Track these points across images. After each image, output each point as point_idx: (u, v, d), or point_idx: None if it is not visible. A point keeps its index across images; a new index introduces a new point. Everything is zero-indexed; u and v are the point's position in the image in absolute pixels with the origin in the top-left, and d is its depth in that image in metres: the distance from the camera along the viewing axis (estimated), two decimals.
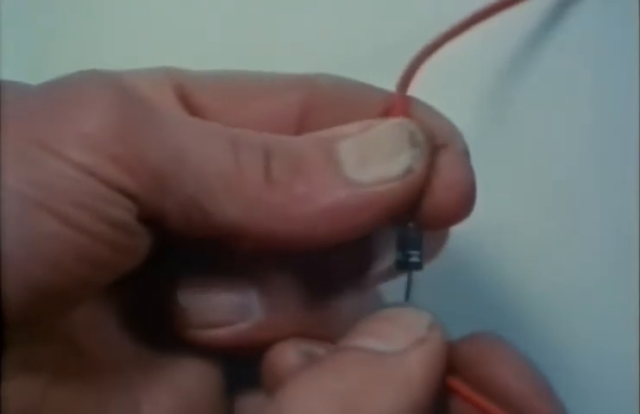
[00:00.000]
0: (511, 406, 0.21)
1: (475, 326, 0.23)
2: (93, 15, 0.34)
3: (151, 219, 0.21)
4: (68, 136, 0.19)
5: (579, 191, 0.32)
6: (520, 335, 0.30)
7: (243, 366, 0.24)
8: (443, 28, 0.26)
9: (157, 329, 0.23)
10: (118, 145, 0.20)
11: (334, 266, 0.24)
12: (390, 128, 0.23)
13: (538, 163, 0.32)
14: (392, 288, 0.25)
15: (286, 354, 0.23)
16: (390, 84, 0.24)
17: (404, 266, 0.23)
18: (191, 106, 0.24)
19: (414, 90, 0.24)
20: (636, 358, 0.30)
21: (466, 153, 0.23)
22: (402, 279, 0.24)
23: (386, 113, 0.23)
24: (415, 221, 0.23)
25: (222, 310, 0.23)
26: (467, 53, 0.28)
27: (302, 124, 0.24)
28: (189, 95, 0.24)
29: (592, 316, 0.31)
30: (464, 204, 0.23)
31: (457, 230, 0.24)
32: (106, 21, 0.34)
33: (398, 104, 0.23)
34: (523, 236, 0.32)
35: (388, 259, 0.24)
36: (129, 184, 0.20)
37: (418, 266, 0.23)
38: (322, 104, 0.24)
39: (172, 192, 0.20)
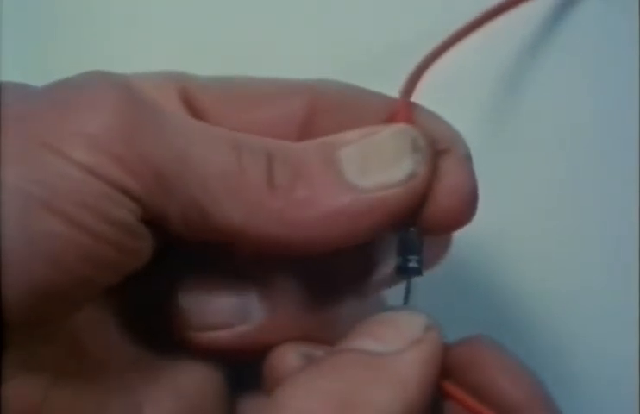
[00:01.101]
0: (505, 411, 0.21)
1: (476, 329, 0.23)
2: (93, 17, 0.34)
3: (154, 220, 0.21)
4: (72, 136, 0.19)
5: (580, 193, 0.32)
6: (520, 338, 0.30)
7: (245, 368, 0.24)
8: (447, 33, 0.26)
9: (158, 330, 0.23)
10: (122, 146, 0.20)
11: (335, 271, 0.24)
12: (392, 135, 0.23)
13: (539, 166, 0.32)
14: (393, 291, 0.25)
15: (287, 357, 0.23)
16: (394, 90, 0.24)
17: (403, 271, 0.23)
18: (194, 110, 0.24)
19: (418, 95, 0.24)
20: (636, 360, 0.30)
21: (468, 158, 0.23)
22: (404, 283, 0.24)
23: (389, 119, 0.23)
24: (416, 226, 0.23)
25: (223, 312, 0.23)
26: (468, 57, 0.27)
27: (305, 130, 0.24)
28: (193, 99, 0.24)
29: (593, 318, 0.31)
30: (466, 209, 0.23)
31: (458, 234, 0.24)
32: (107, 22, 0.34)
33: (400, 110, 0.23)
34: (523, 240, 0.32)
35: (389, 265, 0.24)
36: (133, 185, 0.20)
37: (418, 272, 0.23)
38: (324, 110, 0.24)
39: (175, 194, 0.20)
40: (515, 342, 0.23)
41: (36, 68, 0.33)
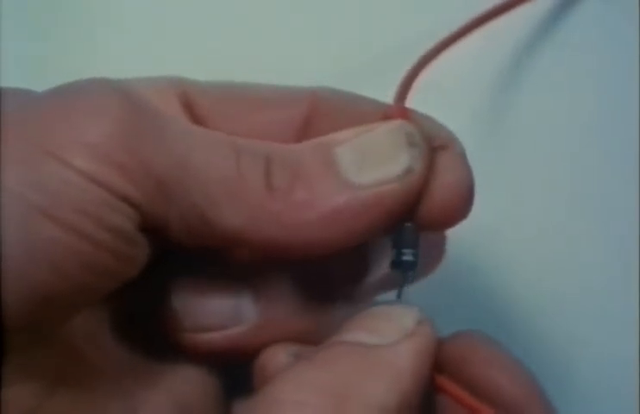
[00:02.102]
0: (499, 406, 0.21)
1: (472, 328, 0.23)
2: (94, 22, 0.34)
3: (154, 227, 0.21)
4: (73, 144, 0.19)
5: (579, 193, 0.32)
6: (520, 339, 0.30)
7: (240, 372, 0.24)
8: (440, 35, 0.26)
9: (153, 334, 0.23)
10: (123, 153, 0.20)
11: (330, 273, 0.24)
12: (387, 131, 0.22)
13: (538, 165, 0.32)
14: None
15: (278, 356, 0.23)
16: (391, 90, 0.24)
17: (398, 264, 0.23)
18: (194, 115, 0.24)
19: (413, 96, 0.24)
20: (636, 361, 0.30)
21: (464, 156, 0.23)
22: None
23: (384, 118, 0.23)
24: (413, 221, 0.23)
25: (216, 313, 0.23)
26: (466, 57, 0.27)
27: (303, 136, 0.23)
28: (193, 104, 0.24)
29: (593, 318, 0.31)
30: (463, 205, 0.23)
31: (454, 235, 0.24)
32: (107, 28, 0.34)
33: (396, 115, 0.23)
34: (521, 241, 0.32)
35: (384, 267, 0.24)
36: (133, 192, 0.20)
37: (412, 265, 0.23)
38: (323, 116, 0.24)
39: (176, 200, 0.20)
40: (514, 344, 0.23)
41: (36, 69, 0.33)
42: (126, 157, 0.20)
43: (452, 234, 0.24)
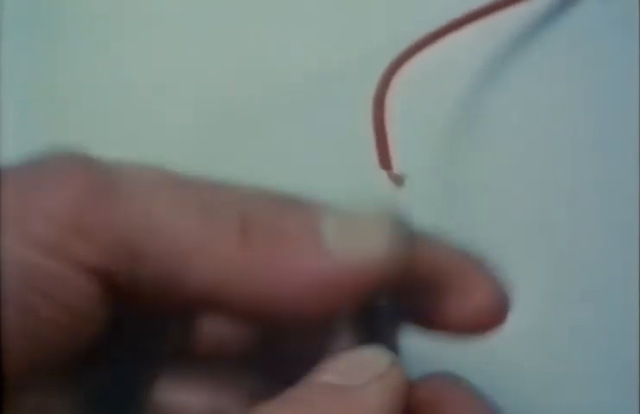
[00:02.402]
0: None
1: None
2: (94, 22, 0.35)
3: (121, 291, 0.20)
4: (34, 217, 0.19)
5: (577, 193, 0.32)
6: (519, 341, 0.30)
7: None
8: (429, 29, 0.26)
9: None
10: (85, 219, 0.20)
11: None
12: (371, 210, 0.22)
13: (537, 166, 0.32)
14: None
15: None
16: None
17: None
18: None
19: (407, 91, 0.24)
20: (636, 361, 0.30)
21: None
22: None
23: None
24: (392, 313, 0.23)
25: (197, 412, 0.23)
26: (460, 55, 0.28)
27: None
28: None
29: (593, 319, 0.31)
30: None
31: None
32: (107, 29, 0.34)
33: None
34: (518, 240, 0.31)
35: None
36: (98, 257, 0.20)
37: None
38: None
39: (145, 261, 0.20)
40: (514, 344, 0.23)
41: (37, 70, 0.33)
42: (88, 222, 0.20)
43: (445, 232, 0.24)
